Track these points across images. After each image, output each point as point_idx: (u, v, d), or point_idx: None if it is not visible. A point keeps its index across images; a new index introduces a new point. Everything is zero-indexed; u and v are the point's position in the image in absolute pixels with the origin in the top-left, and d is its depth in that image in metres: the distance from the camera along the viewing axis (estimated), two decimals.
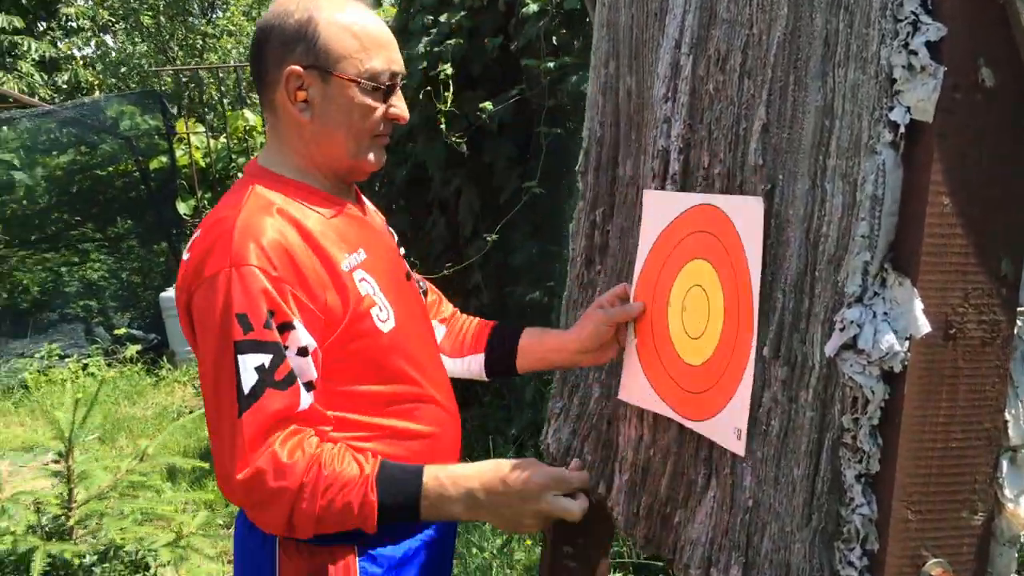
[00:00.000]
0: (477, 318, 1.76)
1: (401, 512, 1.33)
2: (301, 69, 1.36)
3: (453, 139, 3.62)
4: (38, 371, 6.72)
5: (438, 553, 1.58)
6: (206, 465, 3.09)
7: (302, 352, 1.31)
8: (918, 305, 1.05)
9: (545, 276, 3.89)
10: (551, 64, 3.26)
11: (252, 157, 1.58)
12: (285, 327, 1.29)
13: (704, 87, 1.48)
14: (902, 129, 1.05)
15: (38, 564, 2.12)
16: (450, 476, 1.37)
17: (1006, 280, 1.08)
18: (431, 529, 1.55)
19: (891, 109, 1.06)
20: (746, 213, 1.32)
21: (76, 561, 2.24)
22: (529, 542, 2.78)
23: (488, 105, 3.54)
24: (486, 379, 1.74)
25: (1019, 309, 1.14)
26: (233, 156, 6.79)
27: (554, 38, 3.32)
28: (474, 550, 2.80)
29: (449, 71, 3.62)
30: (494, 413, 4.56)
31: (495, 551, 2.76)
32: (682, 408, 1.46)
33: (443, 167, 4.27)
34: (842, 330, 1.10)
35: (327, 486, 1.28)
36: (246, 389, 1.26)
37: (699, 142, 1.49)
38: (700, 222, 1.45)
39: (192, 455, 4.56)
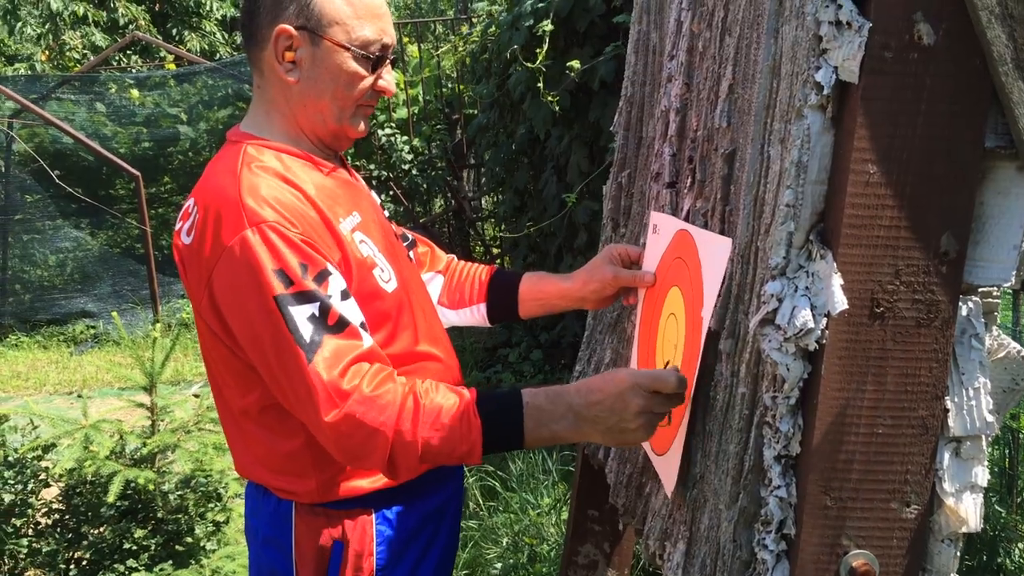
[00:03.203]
0: (475, 264, 1.76)
1: (506, 437, 1.27)
2: (292, 29, 1.33)
3: (548, 97, 3.59)
4: None
5: (448, 518, 1.58)
6: None
7: (345, 295, 1.29)
8: (836, 280, 0.98)
9: None
10: None
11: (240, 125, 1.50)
12: (322, 276, 1.26)
13: (696, 44, 1.41)
14: (826, 91, 0.98)
15: (116, 487, 2.34)
16: (547, 394, 1.29)
17: (947, 258, 0.99)
18: (441, 494, 1.54)
19: (818, 69, 0.98)
20: (713, 250, 1.25)
21: (152, 487, 2.45)
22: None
23: (576, 64, 3.49)
24: (488, 325, 1.74)
25: (983, 290, 1.05)
26: (377, 112, 7.01)
27: None
28: (528, 508, 2.85)
29: (548, 27, 3.58)
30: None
31: (547, 508, 2.80)
32: (652, 439, 1.43)
33: (550, 126, 4.25)
34: (764, 304, 1.05)
35: (428, 416, 1.24)
36: (306, 338, 1.22)
37: (692, 103, 1.44)
38: (680, 248, 1.40)
39: None
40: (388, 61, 1.42)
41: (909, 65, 0.95)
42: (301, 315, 1.24)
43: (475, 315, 1.72)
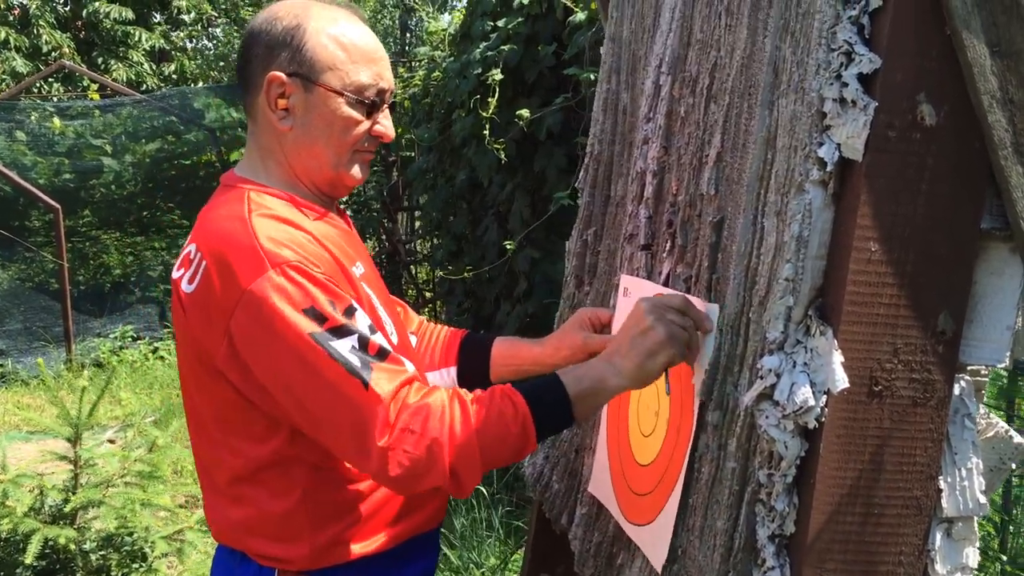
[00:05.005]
0: (445, 327, 1.71)
1: (553, 404, 1.24)
2: (284, 76, 1.29)
3: (495, 146, 3.58)
4: (111, 351, 6.98)
5: None
6: None
7: (372, 330, 1.25)
8: (837, 358, 0.97)
9: None
10: (593, 75, 3.20)
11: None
12: (350, 311, 1.22)
13: (677, 109, 1.41)
14: (830, 167, 0.97)
15: (34, 547, 2.18)
16: (578, 365, 1.30)
17: (944, 337, 0.99)
18: (424, 561, 1.48)
19: (821, 145, 0.98)
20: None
21: (72, 547, 2.29)
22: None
23: (525, 113, 3.50)
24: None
25: (971, 368, 1.05)
26: None
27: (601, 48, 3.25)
28: (471, 567, 2.77)
29: (498, 77, 3.58)
30: None
31: (492, 569, 2.73)
32: (626, 509, 1.41)
33: (494, 173, 4.25)
34: (761, 378, 1.03)
35: (475, 413, 1.20)
36: (358, 364, 1.18)
37: (671, 166, 1.43)
38: None
39: None
40: (385, 106, 1.38)
41: (912, 144, 0.95)
42: (344, 347, 1.19)
43: (444, 379, 1.67)
